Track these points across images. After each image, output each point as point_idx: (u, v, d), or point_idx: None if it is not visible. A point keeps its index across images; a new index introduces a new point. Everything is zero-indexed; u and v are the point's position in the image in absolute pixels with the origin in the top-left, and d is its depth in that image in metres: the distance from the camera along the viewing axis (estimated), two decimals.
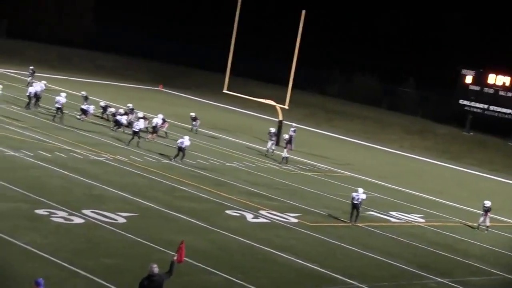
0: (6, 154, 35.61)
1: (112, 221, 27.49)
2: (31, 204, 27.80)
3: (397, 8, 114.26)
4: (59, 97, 47.57)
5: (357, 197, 33.90)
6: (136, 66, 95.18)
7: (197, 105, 72.68)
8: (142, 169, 37.80)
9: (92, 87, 68.78)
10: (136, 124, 44.56)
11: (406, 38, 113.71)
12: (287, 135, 50.43)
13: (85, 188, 31.87)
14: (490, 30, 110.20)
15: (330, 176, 46.67)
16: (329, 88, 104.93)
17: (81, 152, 39.14)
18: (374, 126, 79.94)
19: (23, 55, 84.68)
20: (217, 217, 31.08)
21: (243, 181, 39.51)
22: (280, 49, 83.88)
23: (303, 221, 32.97)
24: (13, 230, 24.41)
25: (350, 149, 63.25)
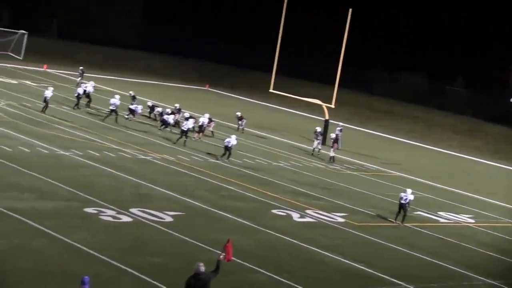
0: (56, 153, 36.12)
1: (159, 220, 27.72)
2: (81, 203, 28.16)
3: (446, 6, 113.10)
4: (114, 99, 48.13)
5: (405, 197, 33.68)
6: (183, 66, 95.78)
7: (243, 104, 72.86)
8: (189, 168, 38.03)
9: (139, 87, 69.38)
10: (185, 124, 44.85)
11: (455, 36, 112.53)
12: (333, 134, 50.31)
13: (133, 187, 32.17)
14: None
15: (377, 175, 46.45)
16: (376, 87, 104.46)
17: (129, 152, 39.51)
18: (422, 126, 79.38)
19: (73, 56, 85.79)
20: (263, 217, 31.14)
21: (290, 181, 39.52)
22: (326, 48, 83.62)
23: (350, 221, 32.88)
24: (64, 228, 24.76)
25: (397, 149, 62.88)
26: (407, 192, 33.97)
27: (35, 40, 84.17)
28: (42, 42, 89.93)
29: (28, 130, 40.36)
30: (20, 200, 27.15)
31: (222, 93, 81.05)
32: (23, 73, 66.53)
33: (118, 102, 48.25)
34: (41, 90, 51.41)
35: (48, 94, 46.44)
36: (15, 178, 30.13)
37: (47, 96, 46.34)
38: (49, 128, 41.95)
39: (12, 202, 26.61)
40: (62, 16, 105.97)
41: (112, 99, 48.21)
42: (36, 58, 76.59)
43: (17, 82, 59.76)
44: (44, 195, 28.42)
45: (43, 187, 29.48)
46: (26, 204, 26.72)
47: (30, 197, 27.75)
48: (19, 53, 76.76)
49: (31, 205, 26.72)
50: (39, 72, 69.86)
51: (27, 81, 61.18)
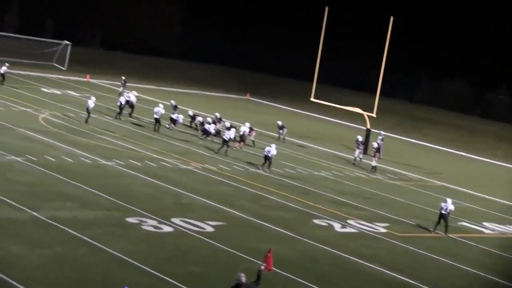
0: (99, 162, 36.38)
1: (200, 230, 27.73)
2: (123, 212, 28.30)
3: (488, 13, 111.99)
4: (158, 108, 48.47)
5: (446, 207, 33.31)
6: (224, 75, 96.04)
7: (284, 113, 72.80)
8: (230, 177, 38.04)
9: (181, 96, 69.72)
10: (226, 133, 44.92)
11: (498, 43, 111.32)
12: (375, 144, 49.99)
13: (174, 197, 32.25)
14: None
15: (419, 185, 46.05)
16: (418, 95, 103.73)
17: (170, 161, 39.65)
18: (465, 134, 78.61)
19: (116, 66, 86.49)
20: (304, 226, 31.01)
21: (331, 190, 39.33)
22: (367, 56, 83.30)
23: (392, 231, 32.60)
24: (105, 237, 24.90)
25: (440, 158, 62.29)
26: (447, 202, 33.59)
27: (78, 51, 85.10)
28: (85, 52, 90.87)
29: (71, 140, 40.73)
30: (62, 209, 27.37)
31: (262, 102, 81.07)
32: (67, 83, 67.23)
33: (162, 111, 48.59)
34: (84, 100, 51.94)
35: (91, 104, 46.79)
36: (58, 187, 30.40)
37: (89, 106, 46.69)
38: (92, 138, 42.29)
39: (54, 211, 26.84)
40: (105, 27, 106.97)
41: (156, 108, 48.54)
42: (79, 68, 77.39)
43: (61, 92, 60.40)
44: (86, 204, 28.61)
45: (85, 196, 29.69)
46: (69, 214, 26.93)
47: (72, 207, 27.97)
48: (62, 63, 77.63)
49: (73, 215, 26.92)
50: (82, 82, 70.54)
51: (70, 91, 61.82)
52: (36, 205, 27.16)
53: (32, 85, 62.05)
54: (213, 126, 48.97)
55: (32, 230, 24.51)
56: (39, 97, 55.28)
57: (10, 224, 24.70)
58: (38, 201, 27.88)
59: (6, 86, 57.14)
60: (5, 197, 27.52)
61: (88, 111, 46.62)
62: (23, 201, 27.43)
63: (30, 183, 30.24)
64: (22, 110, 48.23)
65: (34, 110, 48.75)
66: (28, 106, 49.79)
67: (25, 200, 27.55)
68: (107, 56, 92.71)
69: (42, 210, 26.66)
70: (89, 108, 46.60)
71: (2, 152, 34.64)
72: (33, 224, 25.10)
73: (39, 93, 57.54)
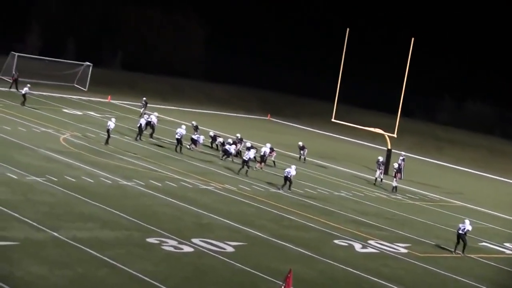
0: (119, 183, 36.52)
1: (220, 250, 27.73)
2: (143, 233, 28.36)
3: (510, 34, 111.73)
4: (180, 129, 48.68)
5: (463, 227, 33.16)
6: (245, 95, 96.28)
7: (305, 134, 72.83)
8: (250, 198, 38.05)
9: (202, 117, 69.93)
10: (246, 154, 45.00)
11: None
12: (396, 164, 49.86)
13: (194, 217, 32.30)
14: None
15: (441, 205, 45.85)
16: (439, 115, 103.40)
17: (191, 181, 39.73)
18: (486, 155, 78.22)
19: (137, 87, 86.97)
20: (325, 247, 30.95)
21: (351, 210, 39.25)
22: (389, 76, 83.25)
23: (413, 252, 32.45)
24: (126, 258, 24.95)
25: (461, 178, 62.03)
26: (465, 222, 33.45)
27: (99, 72, 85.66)
28: (107, 73, 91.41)
29: (91, 160, 40.93)
30: (83, 230, 27.47)
31: (283, 122, 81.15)
32: (88, 104, 67.66)
33: (184, 132, 48.77)
34: (105, 121, 52.18)
35: (111, 125, 46.92)
36: (79, 208, 30.53)
37: (110, 127, 46.83)
38: (112, 159, 42.49)
39: (75, 232, 26.95)
40: (126, 48, 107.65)
41: (178, 129, 48.74)
42: (100, 89, 77.89)
43: (82, 113, 60.79)
44: (107, 224, 28.71)
45: (105, 217, 29.80)
46: (89, 234, 27.03)
47: (93, 227, 28.07)
48: (84, 84, 78.16)
49: (94, 235, 27.01)
50: (104, 103, 70.97)
51: (91, 112, 62.19)
52: (56, 226, 27.29)
53: (53, 106, 62.51)
54: (233, 146, 49.04)
55: (52, 250, 24.61)
56: (60, 118, 55.66)
57: (31, 244, 24.82)
58: (58, 221, 28.01)
59: (27, 107, 57.61)
60: (26, 217, 27.67)
61: (108, 132, 46.77)
62: (44, 221, 27.57)
63: (50, 204, 30.40)
64: (43, 130, 48.57)
65: (55, 131, 49.08)
66: (49, 127, 50.15)
67: (46, 221, 27.69)
68: (128, 77, 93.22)
69: (62, 231, 26.78)
70: (109, 129, 46.72)
71: (23, 173, 34.88)
72: (54, 245, 25.20)
73: (60, 114, 57.94)
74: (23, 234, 25.71)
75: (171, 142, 50.37)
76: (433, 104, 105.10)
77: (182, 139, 48.56)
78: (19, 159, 37.85)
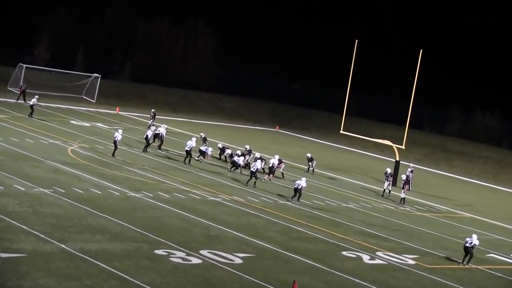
0: (127, 195, 36.56)
1: (229, 262, 27.72)
2: (151, 244, 28.36)
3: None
4: (190, 141, 48.75)
5: (470, 241, 33.13)
6: (255, 107, 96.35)
7: (313, 145, 72.83)
8: (259, 209, 38.05)
9: (211, 128, 70.02)
10: (253, 165, 45.04)
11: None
12: (404, 176, 49.80)
13: (202, 229, 32.30)
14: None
15: (449, 217, 45.77)
16: (448, 127, 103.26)
17: (199, 193, 39.76)
18: (495, 166, 78.02)
19: (146, 98, 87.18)
20: (333, 258, 30.91)
21: (359, 222, 39.21)
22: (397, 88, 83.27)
23: (421, 263, 32.39)
24: (134, 270, 24.96)
25: (469, 190, 61.93)
26: (472, 237, 33.42)
27: (108, 83, 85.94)
28: (115, 85, 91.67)
29: (99, 172, 41.00)
30: (91, 242, 27.50)
31: (292, 134, 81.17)
32: (96, 116, 67.83)
33: (194, 144, 48.82)
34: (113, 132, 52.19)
35: (118, 137, 46.89)
36: (87, 220, 30.56)
37: (117, 138, 46.82)
38: (120, 170, 42.56)
39: (83, 243, 26.98)
40: (135, 60, 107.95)
41: (189, 141, 48.82)
42: (108, 101, 78.12)
43: (90, 124, 60.94)
44: (115, 236, 28.73)
45: (113, 228, 29.82)
46: (97, 246, 27.05)
47: (101, 239, 28.09)
48: (92, 96, 78.40)
49: (102, 247, 27.03)
50: (112, 114, 71.13)
51: (99, 124, 62.33)
52: (64, 238, 27.32)
53: (61, 117, 62.68)
54: (242, 158, 49.07)
55: (60, 262, 24.63)
56: (68, 129, 55.80)
57: (39, 256, 24.85)
58: (66, 233, 28.04)
59: (35, 118, 57.78)
60: (34, 229, 27.72)
61: (115, 144, 46.70)
62: (52, 233, 27.60)
63: (58, 215, 30.44)
64: (51, 142, 48.69)
65: (63, 142, 49.20)
66: (57, 139, 50.27)
67: (54, 233, 27.73)
68: (137, 89, 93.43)
69: (70, 243, 26.81)
70: (116, 140, 46.69)
71: (30, 185, 34.96)
72: (62, 257, 25.22)
73: (68, 126, 58.10)
74: (30, 246, 25.75)
75: (180, 153, 50.45)
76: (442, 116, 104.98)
77: (192, 151, 48.61)
78: (26, 171, 37.96)
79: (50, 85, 77.92)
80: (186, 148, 48.40)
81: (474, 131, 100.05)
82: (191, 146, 48.41)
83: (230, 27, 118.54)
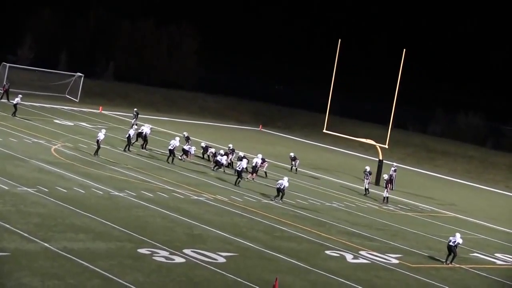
0: (111, 194, 36.49)
1: (212, 261, 27.73)
2: (135, 244, 28.33)
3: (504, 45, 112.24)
4: (174, 140, 48.75)
5: (454, 239, 33.23)
6: (237, 106, 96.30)
7: (297, 145, 72.89)
8: (242, 208, 38.06)
9: (194, 127, 69.95)
10: (239, 164, 45.15)
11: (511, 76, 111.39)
12: (386, 175, 49.93)
13: (186, 228, 32.28)
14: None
15: (433, 216, 45.94)
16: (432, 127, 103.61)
17: (183, 192, 39.73)
18: (478, 166, 78.34)
19: (129, 98, 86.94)
20: (316, 258, 30.97)
21: (343, 221, 39.29)
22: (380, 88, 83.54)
23: (405, 262, 32.50)
24: (117, 269, 24.92)
25: (453, 189, 62.15)
26: (456, 236, 33.53)
27: (91, 83, 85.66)
28: (99, 84, 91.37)
29: (83, 171, 40.90)
30: (75, 241, 27.44)
31: (275, 133, 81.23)
32: (79, 115, 67.60)
33: (177, 144, 48.81)
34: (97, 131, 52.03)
35: (101, 136, 46.70)
36: (70, 219, 30.48)
37: (99, 138, 46.63)
38: (104, 169, 42.46)
39: (67, 243, 26.91)
40: (118, 59, 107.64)
41: (172, 141, 48.80)
42: (92, 100, 77.86)
43: (73, 124, 60.73)
44: (98, 236, 28.68)
45: (97, 228, 29.76)
46: (81, 245, 27.00)
47: (84, 238, 28.03)
48: (75, 95, 78.11)
49: (85, 246, 26.98)
50: (95, 114, 70.94)
51: (82, 123, 62.14)
52: (48, 237, 27.25)
53: (45, 116, 62.46)
54: (225, 157, 49.07)
55: (44, 261, 24.56)
56: (52, 129, 55.61)
57: (22, 255, 24.77)
58: (50, 232, 27.96)
59: (18, 117, 57.54)
60: (17, 228, 27.63)
61: (98, 143, 46.47)
62: (35, 232, 27.53)
63: (42, 215, 30.35)
64: (34, 141, 48.52)
65: (47, 142, 49.04)
66: (40, 138, 50.09)
67: (37, 232, 27.65)
68: (120, 88, 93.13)
69: (54, 242, 26.74)
70: (99, 140, 46.49)
71: (14, 184, 34.83)
72: (45, 256, 25.16)
73: (51, 125, 57.90)
74: (14, 245, 25.66)
75: (163, 153, 50.39)
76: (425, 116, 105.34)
77: (175, 150, 48.57)
78: (10, 170, 37.81)
79: (34, 84, 77.63)
80: (170, 147, 48.37)
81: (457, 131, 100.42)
82: (174, 146, 48.40)
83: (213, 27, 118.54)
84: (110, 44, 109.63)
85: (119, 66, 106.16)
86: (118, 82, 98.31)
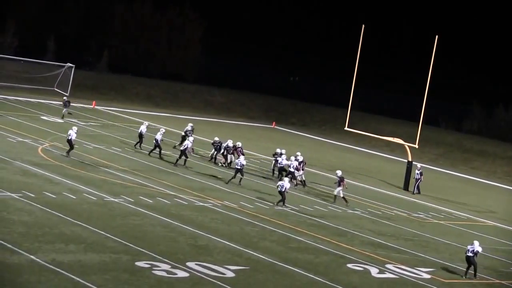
0: (105, 200, 36.56)
1: (219, 275, 27.74)
2: (132, 256, 28.37)
3: None
4: (187, 141, 49.26)
5: (471, 248, 33.06)
6: (247, 101, 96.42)
7: (314, 144, 72.91)
8: (253, 216, 38.07)
9: (199, 125, 69.97)
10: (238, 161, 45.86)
11: None
12: (299, 157, 50.00)
13: (190, 238, 32.32)
14: None
15: (468, 225, 45.87)
16: (467, 124, 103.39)
17: (186, 198, 39.78)
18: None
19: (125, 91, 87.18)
20: (337, 271, 30.96)
21: (367, 230, 39.27)
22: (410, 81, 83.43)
23: (437, 277, 32.47)
24: (112, 284, 24.96)
25: (492, 195, 62.06)
26: (474, 244, 33.36)
27: (83, 74, 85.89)
28: (91, 76, 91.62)
29: (73, 174, 41.01)
30: (64, 252, 27.50)
31: (289, 131, 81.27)
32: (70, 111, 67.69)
33: (190, 144, 49.32)
34: (89, 129, 52.28)
35: (73, 135, 45.68)
36: (59, 228, 30.56)
37: (71, 137, 45.59)
38: (97, 172, 42.56)
39: (55, 255, 26.97)
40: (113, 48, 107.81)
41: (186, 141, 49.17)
42: (83, 94, 78.07)
43: (63, 121, 60.87)
44: (91, 247, 28.73)
45: (89, 238, 29.82)
46: (71, 257, 27.05)
47: (75, 250, 28.09)
48: (65, 88, 78.25)
49: (76, 258, 27.04)
50: (88, 109, 71.09)
51: (74, 120, 62.28)
52: (34, 248, 27.31)
53: (31, 112, 62.67)
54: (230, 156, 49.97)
55: (30, 276, 24.61)
56: (39, 126, 55.79)
57: (6, 269, 24.84)
58: (36, 243, 28.02)
59: (1, 113, 57.71)
60: (0, 238, 27.70)
61: (70, 143, 45.57)
62: (20, 243, 27.59)
63: (27, 223, 30.42)
64: (19, 140, 48.68)
65: (33, 141, 49.19)
66: (26, 136, 50.26)
67: (22, 242, 27.71)
68: (115, 80, 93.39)
69: (41, 253, 26.80)
70: (71, 139, 45.63)
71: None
72: (31, 269, 25.21)
73: (38, 122, 58.08)
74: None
75: (164, 153, 50.45)
76: (459, 112, 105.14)
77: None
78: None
79: (18, 76, 77.89)
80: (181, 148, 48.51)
81: (496, 128, 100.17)
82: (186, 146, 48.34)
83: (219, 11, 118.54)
84: (103, 31, 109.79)
85: (114, 56, 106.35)
86: (112, 74, 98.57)
